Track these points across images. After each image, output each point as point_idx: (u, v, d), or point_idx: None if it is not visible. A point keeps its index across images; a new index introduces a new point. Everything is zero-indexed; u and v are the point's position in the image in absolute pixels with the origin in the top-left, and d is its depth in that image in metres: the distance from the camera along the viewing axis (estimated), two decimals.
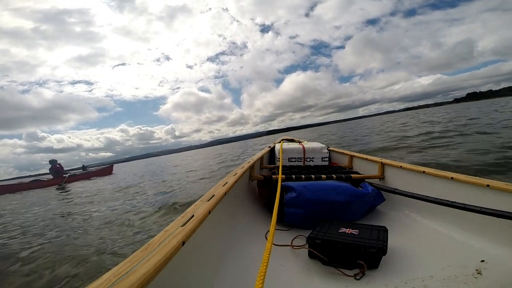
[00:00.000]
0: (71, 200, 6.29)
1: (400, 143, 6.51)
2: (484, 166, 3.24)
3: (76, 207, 5.09)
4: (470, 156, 3.90)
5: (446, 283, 0.83)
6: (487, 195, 1.03)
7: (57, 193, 8.78)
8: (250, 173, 1.87)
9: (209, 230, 0.95)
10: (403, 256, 1.02)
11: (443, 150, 4.77)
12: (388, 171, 1.74)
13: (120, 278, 0.46)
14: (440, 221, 1.21)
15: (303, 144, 2.68)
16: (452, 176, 1.19)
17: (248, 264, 1.02)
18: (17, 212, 5.50)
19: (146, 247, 0.59)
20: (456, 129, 7.52)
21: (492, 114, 11.69)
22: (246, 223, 1.41)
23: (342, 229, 1.10)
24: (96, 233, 2.92)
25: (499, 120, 8.32)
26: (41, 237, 3.09)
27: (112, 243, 2.50)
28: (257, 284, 0.51)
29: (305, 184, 1.43)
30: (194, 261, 0.78)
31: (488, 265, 0.88)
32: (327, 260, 0.98)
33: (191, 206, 0.92)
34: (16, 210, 5.96)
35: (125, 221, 3.31)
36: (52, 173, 13.06)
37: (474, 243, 1.02)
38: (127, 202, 4.77)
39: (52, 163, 13.11)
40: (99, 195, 6.45)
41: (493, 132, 5.80)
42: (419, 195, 1.24)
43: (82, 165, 16.28)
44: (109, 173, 15.74)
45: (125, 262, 0.52)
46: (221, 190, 1.13)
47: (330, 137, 13.19)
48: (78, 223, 3.59)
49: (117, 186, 8.01)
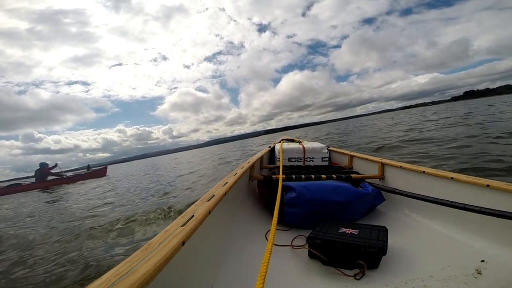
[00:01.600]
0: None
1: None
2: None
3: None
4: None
5: (446, 283, 0.83)
6: (487, 195, 1.03)
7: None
8: (250, 173, 1.87)
9: (209, 230, 0.94)
10: (403, 256, 1.02)
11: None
12: (388, 171, 1.74)
13: (120, 278, 0.46)
14: (440, 221, 1.21)
15: (303, 144, 2.68)
16: (452, 176, 1.19)
17: (248, 264, 1.02)
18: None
19: (146, 247, 0.59)
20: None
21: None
22: (246, 223, 1.41)
23: (342, 229, 1.10)
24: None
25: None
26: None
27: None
28: (258, 284, 0.51)
29: (305, 184, 1.43)
30: (194, 261, 0.78)
31: (488, 265, 0.88)
32: (327, 260, 0.98)
33: (191, 206, 0.92)
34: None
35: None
36: (36, 175, 12.42)
37: (474, 243, 1.02)
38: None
39: (42, 166, 12.51)
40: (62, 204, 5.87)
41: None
42: (419, 195, 1.24)
43: (88, 165, 15.72)
44: (103, 175, 14.84)
45: (125, 262, 0.52)
46: (221, 190, 1.13)
47: (339, 138, 11.88)
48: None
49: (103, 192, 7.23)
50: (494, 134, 5.13)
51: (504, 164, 3.04)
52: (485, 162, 3.27)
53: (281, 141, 3.58)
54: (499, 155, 3.42)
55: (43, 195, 8.83)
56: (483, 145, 4.34)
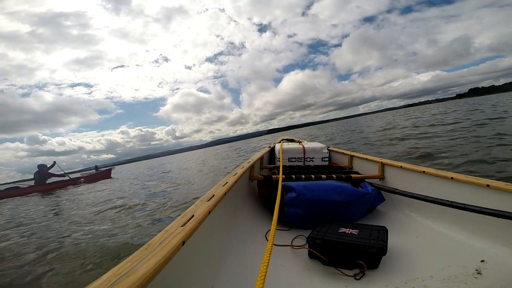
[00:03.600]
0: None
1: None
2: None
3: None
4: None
5: (446, 283, 0.83)
6: (487, 195, 1.03)
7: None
8: (250, 173, 1.87)
9: (209, 230, 0.94)
10: (403, 256, 1.02)
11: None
12: (388, 171, 1.74)
13: (120, 278, 0.46)
14: (440, 221, 1.21)
15: (303, 144, 2.68)
16: (452, 176, 1.19)
17: (248, 264, 1.02)
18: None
19: (146, 247, 0.59)
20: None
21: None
22: (246, 223, 1.41)
23: (342, 229, 1.10)
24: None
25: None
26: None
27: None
28: (258, 284, 0.51)
29: (305, 184, 1.43)
30: (194, 261, 0.78)
31: (488, 265, 0.88)
32: (327, 260, 0.98)
33: (191, 206, 0.92)
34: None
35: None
36: (36, 178, 11.43)
37: (474, 243, 1.02)
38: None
39: (41, 168, 11.47)
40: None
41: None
42: (419, 195, 1.24)
43: (95, 165, 15.09)
44: (108, 177, 14.06)
45: (125, 262, 0.52)
46: (221, 190, 1.13)
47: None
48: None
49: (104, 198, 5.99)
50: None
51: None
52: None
53: (281, 141, 3.58)
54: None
55: (43, 200, 7.86)
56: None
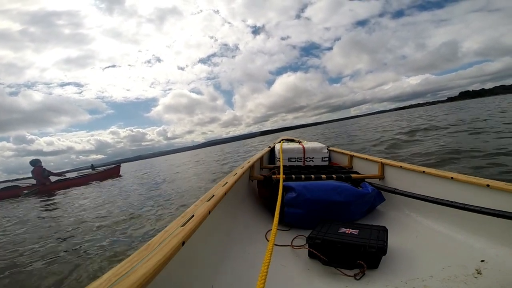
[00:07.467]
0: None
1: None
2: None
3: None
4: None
5: (446, 283, 0.83)
6: (487, 195, 1.03)
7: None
8: (250, 173, 1.87)
9: (209, 230, 0.94)
10: (403, 256, 1.02)
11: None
12: (388, 171, 1.74)
13: (120, 278, 0.46)
14: (440, 221, 1.21)
15: (303, 144, 2.68)
16: (452, 176, 1.19)
17: (248, 264, 1.02)
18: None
19: (146, 247, 0.59)
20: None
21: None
22: (246, 223, 1.41)
23: (342, 229, 1.10)
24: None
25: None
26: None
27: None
28: (258, 284, 0.51)
29: (305, 184, 1.43)
30: (194, 261, 0.78)
31: (488, 265, 0.88)
32: (327, 260, 0.98)
33: (191, 206, 0.92)
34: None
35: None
36: (36, 177, 9.80)
37: (474, 243, 1.02)
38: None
39: (34, 164, 9.76)
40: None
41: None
42: (419, 195, 1.24)
43: (91, 164, 13.36)
44: (116, 175, 12.29)
45: (125, 262, 0.52)
46: (221, 190, 1.13)
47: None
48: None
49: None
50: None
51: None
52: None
53: (281, 141, 3.58)
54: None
55: (45, 202, 6.65)
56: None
